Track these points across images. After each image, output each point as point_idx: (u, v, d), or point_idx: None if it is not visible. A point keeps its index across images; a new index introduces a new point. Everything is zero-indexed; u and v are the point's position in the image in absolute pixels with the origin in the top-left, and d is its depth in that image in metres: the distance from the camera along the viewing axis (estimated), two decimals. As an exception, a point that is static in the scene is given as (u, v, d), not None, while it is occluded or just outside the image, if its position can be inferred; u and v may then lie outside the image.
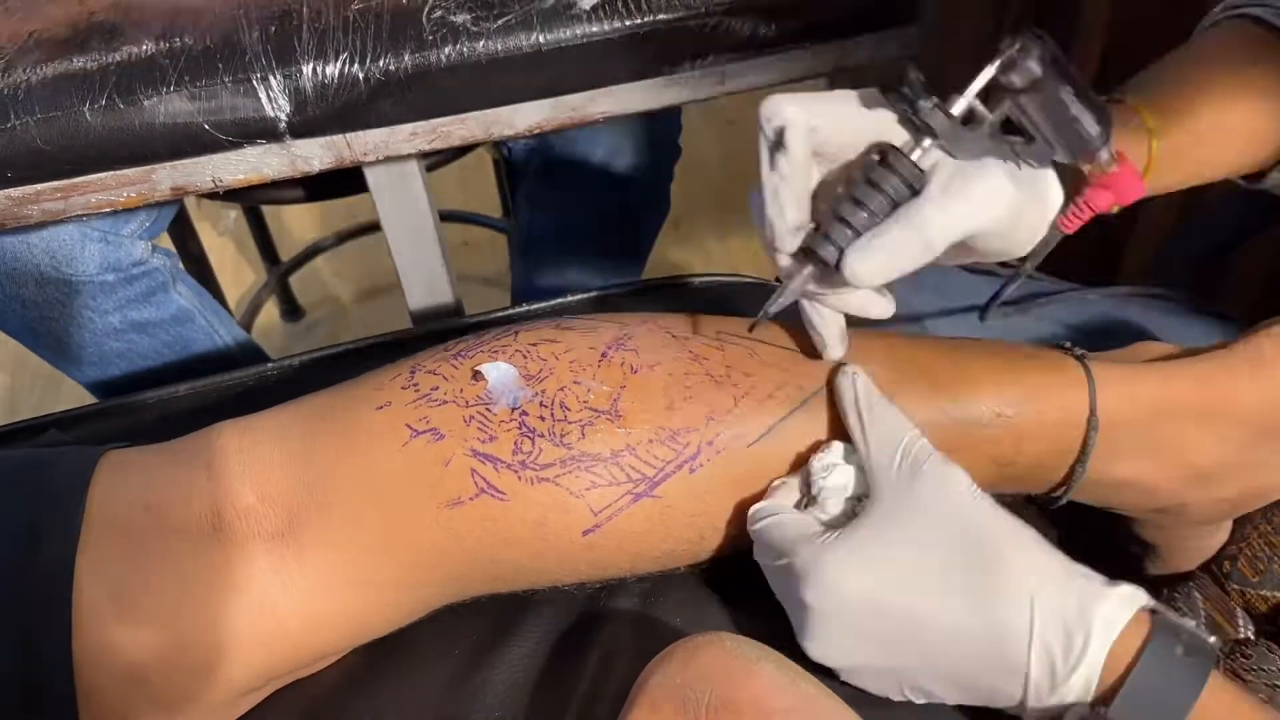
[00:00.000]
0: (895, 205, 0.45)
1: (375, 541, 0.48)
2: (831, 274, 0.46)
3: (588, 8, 0.63)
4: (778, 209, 0.46)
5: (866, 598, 0.43)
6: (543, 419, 0.48)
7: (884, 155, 0.45)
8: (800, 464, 0.50)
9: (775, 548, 0.46)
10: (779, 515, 0.47)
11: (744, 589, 0.53)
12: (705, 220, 1.78)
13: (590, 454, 0.48)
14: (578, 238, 1.10)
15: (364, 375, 0.53)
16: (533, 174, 1.06)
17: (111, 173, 0.65)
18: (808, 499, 0.49)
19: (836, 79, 0.72)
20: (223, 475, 0.48)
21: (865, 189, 0.45)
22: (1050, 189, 0.48)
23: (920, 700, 0.46)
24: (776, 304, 0.48)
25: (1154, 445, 0.51)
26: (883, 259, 0.44)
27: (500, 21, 0.63)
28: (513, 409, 0.48)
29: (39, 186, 0.65)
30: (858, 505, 0.48)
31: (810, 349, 0.52)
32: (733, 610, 0.53)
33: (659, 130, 1.04)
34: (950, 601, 0.43)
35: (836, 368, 0.51)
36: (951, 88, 0.45)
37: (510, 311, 0.72)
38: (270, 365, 0.69)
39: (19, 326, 0.88)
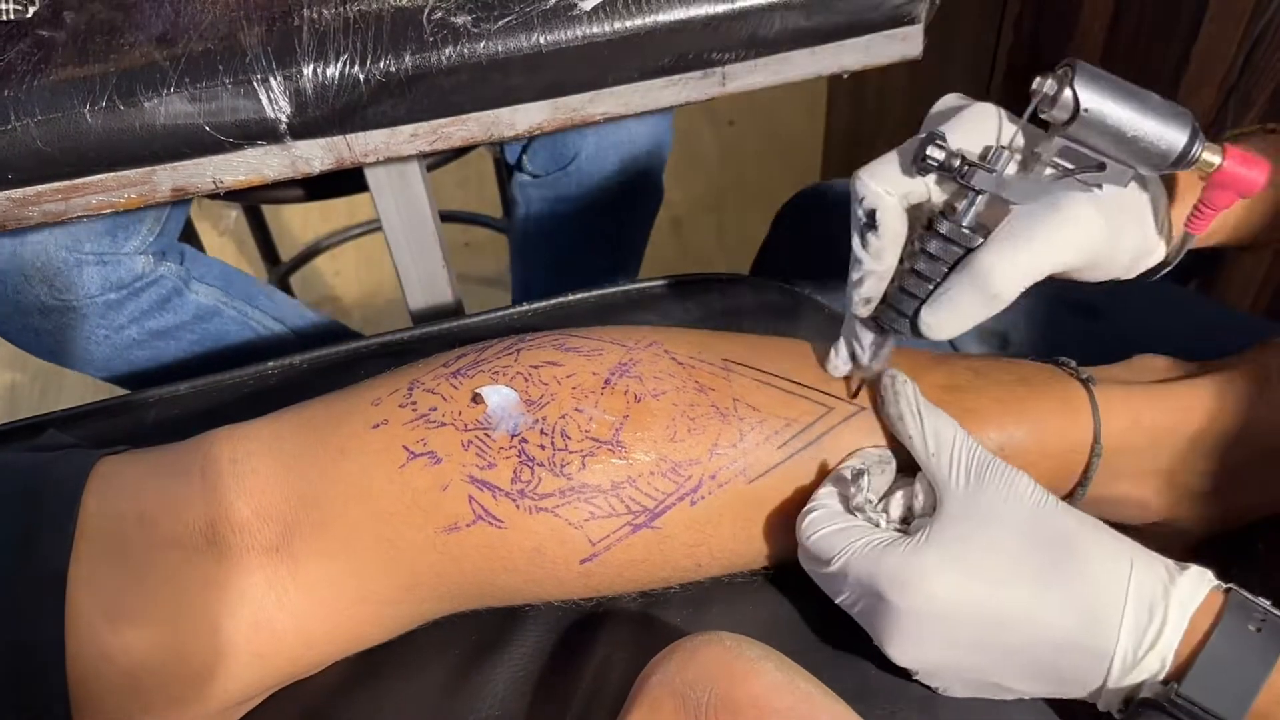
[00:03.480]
0: (951, 268, 0.45)
1: (371, 561, 0.48)
2: (898, 338, 0.48)
3: (588, 9, 0.63)
4: (871, 287, 0.47)
5: (961, 599, 0.43)
6: (543, 447, 0.47)
7: (931, 221, 0.45)
8: (803, 500, 0.50)
9: (833, 555, 0.45)
10: (837, 523, 0.46)
11: (745, 588, 0.53)
12: (705, 221, 1.78)
13: (590, 485, 0.47)
14: (572, 233, 1.10)
15: (361, 385, 0.52)
16: (524, 170, 1.06)
17: (112, 174, 0.65)
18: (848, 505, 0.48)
19: (837, 81, 0.72)
20: (216, 487, 0.48)
21: (920, 257, 0.45)
22: (1146, 206, 0.47)
23: (991, 695, 0.46)
24: (867, 373, 0.50)
25: (1154, 468, 0.51)
26: (951, 313, 0.45)
27: (501, 23, 0.63)
28: (512, 435, 0.48)
29: (39, 188, 0.65)
30: (896, 506, 0.48)
31: (822, 382, 0.51)
32: (733, 610, 0.53)
33: (650, 121, 1.04)
34: (1043, 597, 0.43)
35: (856, 388, 0.51)
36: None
37: (510, 311, 0.71)
38: (271, 365, 0.69)
39: (44, 351, 0.88)
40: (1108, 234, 0.45)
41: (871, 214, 0.45)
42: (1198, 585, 0.43)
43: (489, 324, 0.71)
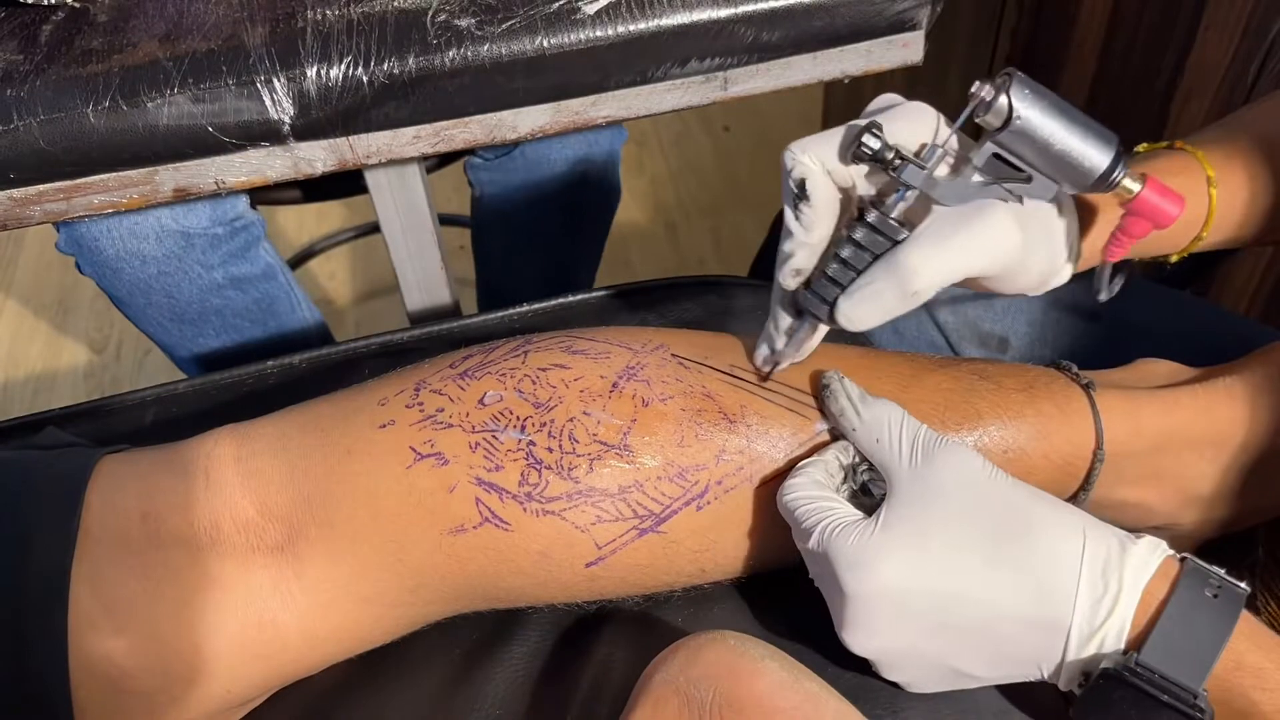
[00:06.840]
0: (876, 258, 0.45)
1: (377, 562, 0.48)
2: (817, 323, 0.48)
3: (591, 13, 0.64)
4: (803, 259, 0.47)
5: (913, 581, 0.43)
6: (550, 450, 0.47)
7: (861, 211, 0.46)
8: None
9: (808, 532, 0.45)
10: (813, 501, 0.46)
11: (746, 588, 0.53)
12: (700, 225, 1.79)
13: (598, 489, 0.47)
14: (524, 220, 1.10)
15: (366, 384, 0.52)
16: (475, 154, 1.07)
17: (114, 174, 0.65)
18: (839, 481, 0.49)
19: (833, 86, 0.73)
20: (221, 486, 0.48)
21: (846, 244, 0.46)
22: (1058, 229, 0.48)
23: (954, 685, 0.46)
24: (782, 358, 0.50)
25: (1155, 472, 0.52)
26: (870, 306, 0.45)
27: (504, 26, 0.63)
28: (519, 439, 0.48)
29: (41, 187, 0.65)
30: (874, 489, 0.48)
31: None
32: (734, 610, 0.53)
33: None
34: (995, 574, 0.42)
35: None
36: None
37: (509, 312, 0.72)
38: (271, 364, 0.69)
39: (131, 285, 0.88)
40: (1022, 247, 0.46)
41: (801, 184, 0.45)
42: (1151, 553, 0.43)
43: (488, 324, 0.71)
